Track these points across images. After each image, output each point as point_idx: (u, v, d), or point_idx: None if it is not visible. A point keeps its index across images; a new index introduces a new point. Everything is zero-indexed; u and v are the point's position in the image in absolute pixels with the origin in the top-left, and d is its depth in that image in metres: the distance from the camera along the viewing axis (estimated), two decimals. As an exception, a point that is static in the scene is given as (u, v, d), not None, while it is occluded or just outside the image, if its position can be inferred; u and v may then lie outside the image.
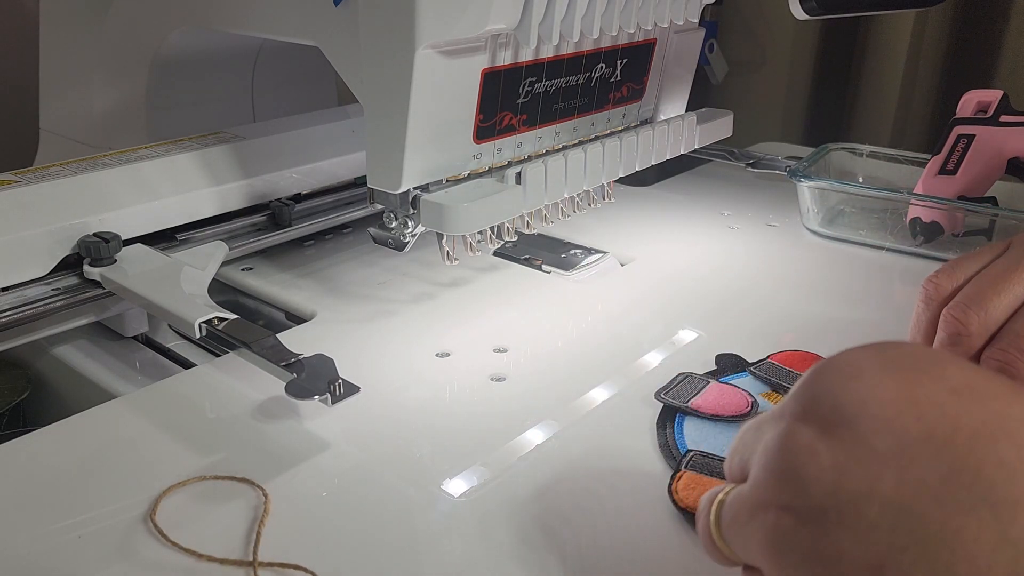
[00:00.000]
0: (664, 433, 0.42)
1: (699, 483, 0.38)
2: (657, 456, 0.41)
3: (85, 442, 0.42)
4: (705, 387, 0.45)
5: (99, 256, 0.52)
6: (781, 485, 0.25)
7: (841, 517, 0.22)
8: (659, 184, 0.84)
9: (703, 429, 0.42)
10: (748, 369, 0.48)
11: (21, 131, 0.87)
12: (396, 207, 0.49)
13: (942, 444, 0.22)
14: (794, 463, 0.24)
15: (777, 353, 0.49)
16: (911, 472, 0.22)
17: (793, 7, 0.58)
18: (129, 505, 0.37)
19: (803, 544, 0.23)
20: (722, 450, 0.40)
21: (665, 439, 0.42)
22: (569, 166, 0.55)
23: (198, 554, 0.34)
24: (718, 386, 0.46)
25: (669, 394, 0.45)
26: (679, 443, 0.41)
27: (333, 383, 0.40)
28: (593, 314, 0.57)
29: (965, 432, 0.22)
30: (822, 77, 1.16)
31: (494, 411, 0.45)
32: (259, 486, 0.38)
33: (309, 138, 0.68)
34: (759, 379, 0.47)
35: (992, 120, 0.68)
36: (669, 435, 0.42)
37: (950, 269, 0.39)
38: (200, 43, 0.70)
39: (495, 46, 0.49)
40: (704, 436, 0.42)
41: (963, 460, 0.21)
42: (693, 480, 0.38)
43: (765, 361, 0.48)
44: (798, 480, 0.24)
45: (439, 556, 0.35)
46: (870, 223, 0.69)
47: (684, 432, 0.42)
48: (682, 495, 0.37)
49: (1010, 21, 0.99)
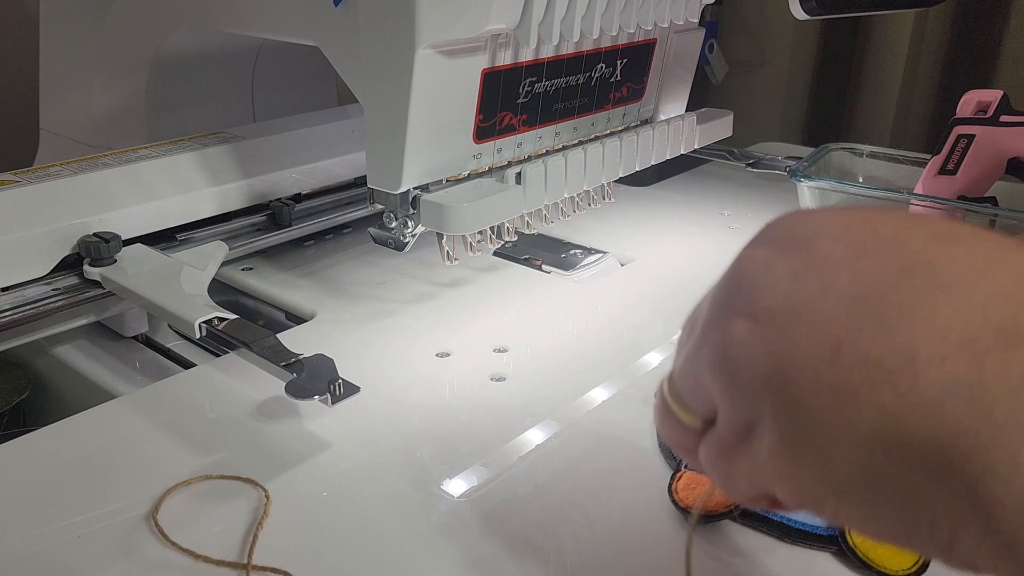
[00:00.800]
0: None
1: (699, 483, 0.38)
2: (657, 456, 0.41)
3: (85, 442, 0.42)
4: None
5: (99, 256, 0.52)
6: (733, 296, 0.24)
7: (796, 314, 0.22)
8: (659, 184, 0.84)
9: None
10: None
11: (21, 131, 0.87)
12: (396, 207, 0.49)
13: (896, 248, 0.22)
14: (748, 276, 0.24)
15: None
16: (867, 268, 0.22)
17: (793, 7, 0.58)
18: (129, 505, 0.37)
19: (755, 347, 0.23)
20: None
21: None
22: (569, 166, 0.55)
23: (195, 554, 0.34)
24: None
25: None
26: None
27: (333, 383, 0.40)
28: (593, 314, 0.57)
29: (918, 239, 0.23)
30: (822, 77, 1.16)
31: (494, 411, 0.45)
32: (262, 486, 0.38)
33: (309, 138, 0.68)
34: None
35: (992, 120, 0.68)
36: None
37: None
38: (200, 43, 0.70)
39: (495, 46, 0.49)
40: None
41: (916, 257, 0.22)
42: (693, 480, 0.38)
43: None
44: (751, 288, 0.24)
45: (439, 556, 0.35)
46: (870, 223, 0.69)
47: None
48: (682, 495, 0.37)
49: (1010, 21, 0.99)
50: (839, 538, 0.34)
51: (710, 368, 0.25)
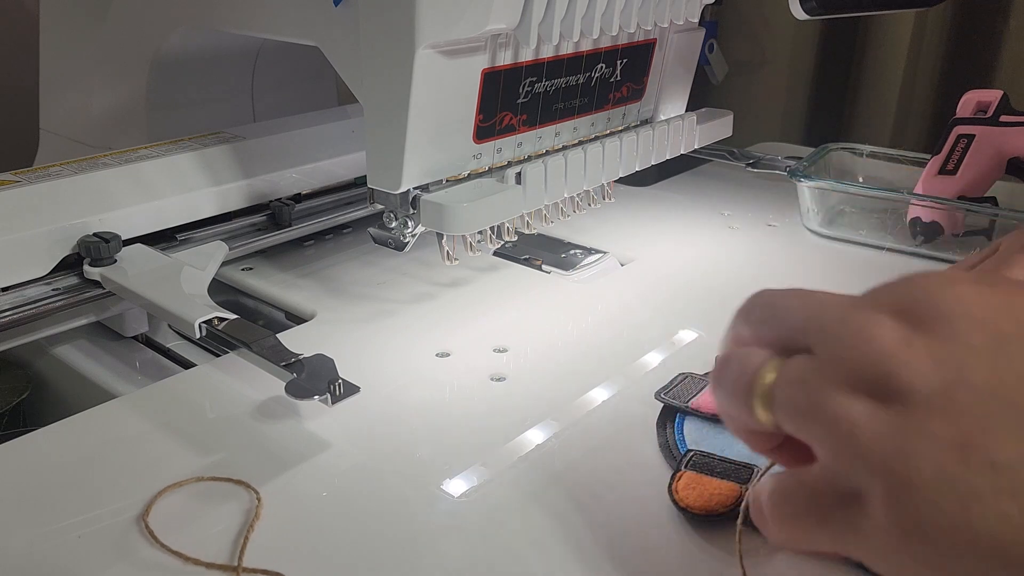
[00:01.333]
0: (664, 433, 0.42)
1: (699, 483, 0.38)
2: (657, 456, 0.41)
3: (85, 442, 0.42)
4: (705, 387, 0.45)
5: (99, 256, 0.52)
6: (863, 364, 0.24)
7: (930, 400, 0.22)
8: (659, 184, 0.84)
9: (703, 429, 0.42)
10: None
11: (21, 131, 0.87)
12: (396, 207, 0.49)
13: None
14: (883, 348, 0.24)
15: None
16: (1005, 363, 0.22)
17: (793, 7, 0.58)
18: (129, 505, 0.37)
19: (882, 425, 0.23)
20: (722, 450, 0.40)
21: (665, 439, 0.42)
22: (569, 166, 0.55)
23: (185, 557, 0.34)
24: None
25: (669, 394, 0.45)
26: (679, 443, 0.41)
27: (333, 383, 0.40)
28: (593, 314, 0.57)
29: None
30: (822, 77, 1.16)
31: (494, 411, 0.45)
32: (253, 488, 0.38)
33: (309, 138, 0.68)
34: None
35: (992, 120, 0.68)
36: (669, 435, 0.42)
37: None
38: (200, 43, 0.70)
39: (495, 46, 0.49)
40: (704, 436, 0.42)
41: None
42: (693, 480, 0.38)
43: None
44: (888, 363, 0.23)
45: (439, 556, 0.35)
46: (870, 223, 0.69)
47: (684, 432, 0.42)
48: (682, 495, 0.37)
49: (1010, 21, 0.99)
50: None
51: (827, 426, 0.24)
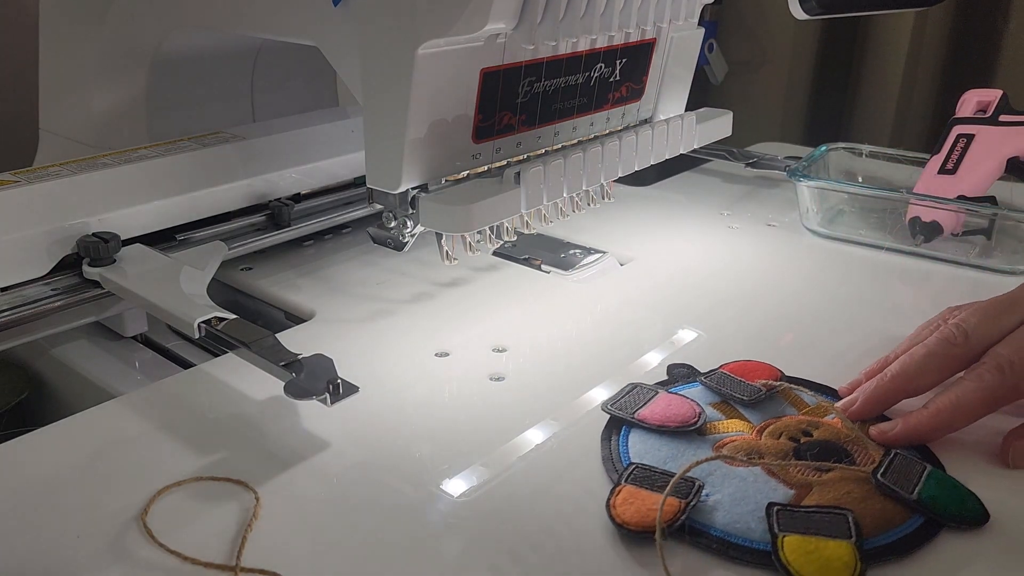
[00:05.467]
0: (608, 445, 0.41)
1: (637, 497, 0.37)
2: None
3: (84, 442, 0.42)
4: (653, 398, 0.44)
5: (98, 256, 0.52)
6: None
7: None
8: (659, 184, 0.84)
9: (648, 441, 0.41)
10: (699, 379, 0.47)
11: (21, 131, 0.87)
12: (395, 207, 0.49)
13: None
14: None
15: (729, 363, 0.48)
16: None
17: (793, 7, 0.58)
18: (129, 505, 0.37)
19: None
20: (664, 462, 0.39)
21: (609, 452, 0.41)
22: (568, 166, 0.55)
23: (183, 556, 0.34)
24: (666, 396, 0.44)
25: (616, 405, 0.44)
26: (622, 455, 0.40)
27: (332, 383, 0.40)
28: (592, 314, 0.57)
29: None
30: (822, 77, 1.16)
31: (494, 411, 0.45)
32: (252, 488, 0.38)
33: (309, 138, 0.68)
34: (710, 389, 0.46)
35: (992, 120, 0.68)
36: (613, 447, 0.41)
37: (980, 324, 0.43)
38: (200, 43, 0.70)
39: (494, 46, 0.49)
40: (648, 448, 0.41)
41: None
42: (631, 495, 0.37)
43: (716, 371, 0.47)
44: None
45: (439, 556, 0.35)
46: (870, 223, 0.69)
47: (629, 444, 0.41)
48: (619, 510, 0.36)
49: (1010, 21, 0.99)
50: (772, 555, 0.34)
51: None
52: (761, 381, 0.46)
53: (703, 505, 0.36)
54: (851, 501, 0.36)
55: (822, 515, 0.35)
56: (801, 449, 0.40)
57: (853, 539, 0.34)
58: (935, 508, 0.36)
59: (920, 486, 0.37)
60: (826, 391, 0.46)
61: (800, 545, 0.34)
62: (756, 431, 0.42)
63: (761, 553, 0.34)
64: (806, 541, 0.34)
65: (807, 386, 0.46)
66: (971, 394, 0.40)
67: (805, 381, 0.47)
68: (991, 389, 0.40)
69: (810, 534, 0.34)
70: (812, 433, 0.41)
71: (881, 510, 0.36)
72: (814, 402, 0.44)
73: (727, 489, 0.37)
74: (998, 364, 0.41)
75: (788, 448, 0.40)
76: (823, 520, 0.35)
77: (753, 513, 0.36)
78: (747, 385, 0.45)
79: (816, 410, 0.44)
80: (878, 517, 0.36)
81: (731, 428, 0.42)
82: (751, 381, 0.46)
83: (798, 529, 0.35)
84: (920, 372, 0.43)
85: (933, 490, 0.37)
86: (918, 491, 0.37)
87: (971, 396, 0.40)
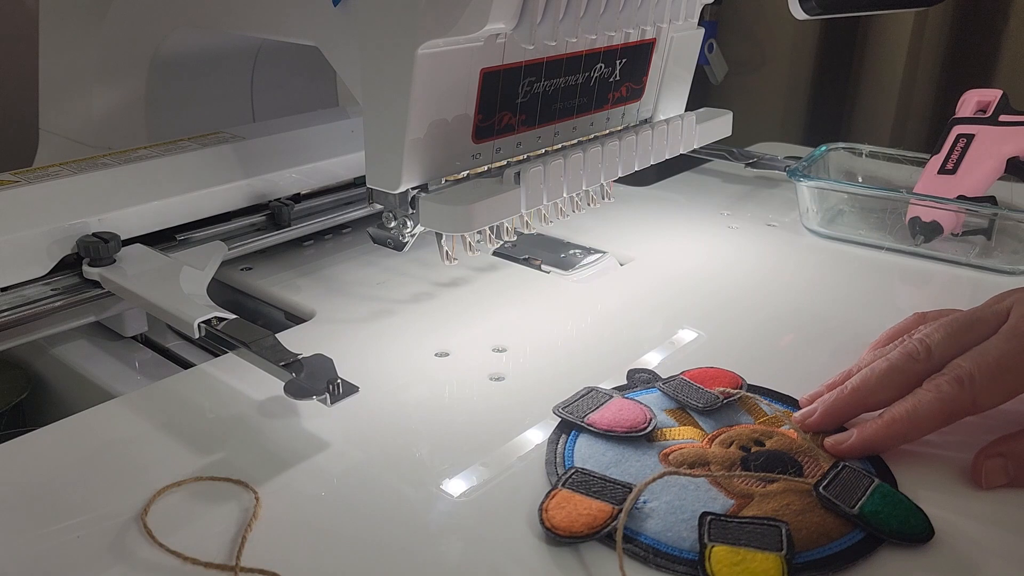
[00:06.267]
0: (553, 448, 0.41)
1: (570, 502, 0.36)
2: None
3: (85, 442, 0.42)
4: (606, 402, 0.44)
5: (98, 256, 0.52)
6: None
7: None
8: (659, 184, 0.84)
9: (594, 445, 0.41)
10: (657, 385, 0.46)
11: (21, 131, 0.87)
12: (395, 207, 0.49)
13: None
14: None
15: (690, 370, 0.47)
16: None
17: (793, 7, 0.58)
18: (128, 505, 0.37)
19: None
20: (607, 468, 0.39)
21: (553, 455, 0.40)
22: (568, 166, 0.55)
23: (183, 556, 0.34)
24: (619, 401, 0.44)
25: (567, 408, 0.44)
26: (567, 459, 0.40)
27: (332, 383, 0.40)
28: (592, 314, 0.57)
29: None
30: (822, 77, 1.16)
31: (494, 411, 0.45)
32: (252, 488, 0.38)
33: (309, 138, 0.68)
34: (667, 396, 0.45)
35: (992, 120, 0.68)
36: (558, 451, 0.41)
37: (944, 340, 0.42)
38: (200, 43, 0.70)
39: (494, 46, 0.49)
40: (592, 453, 0.40)
41: None
42: (565, 499, 0.37)
43: (676, 377, 0.46)
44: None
45: (439, 556, 0.35)
46: (870, 223, 0.69)
47: (575, 448, 0.41)
48: (551, 514, 0.36)
49: (1010, 21, 0.99)
50: (698, 565, 0.33)
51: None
52: (720, 388, 0.45)
53: (638, 512, 0.36)
54: (789, 513, 0.36)
55: (755, 526, 0.35)
56: (748, 459, 0.39)
57: (783, 552, 0.33)
58: (876, 523, 0.35)
59: (864, 500, 0.36)
60: (787, 400, 0.45)
61: (727, 556, 0.33)
62: (707, 439, 0.41)
63: (689, 563, 0.34)
64: (734, 552, 0.33)
65: (769, 395, 0.45)
66: (928, 405, 0.39)
67: (766, 390, 0.46)
68: (948, 401, 0.39)
69: (739, 545, 0.34)
70: (765, 443, 0.41)
71: (819, 523, 0.35)
72: (772, 412, 0.44)
73: (665, 497, 0.37)
74: (958, 376, 0.40)
75: (736, 457, 0.39)
76: (755, 531, 0.34)
77: (688, 522, 0.35)
78: (704, 392, 0.45)
79: (772, 420, 0.43)
80: (814, 531, 0.35)
81: (682, 435, 0.41)
82: (710, 388, 0.45)
83: (728, 540, 0.34)
84: (880, 386, 0.42)
85: (877, 504, 0.36)
86: (860, 505, 0.36)
87: (928, 408, 0.39)
